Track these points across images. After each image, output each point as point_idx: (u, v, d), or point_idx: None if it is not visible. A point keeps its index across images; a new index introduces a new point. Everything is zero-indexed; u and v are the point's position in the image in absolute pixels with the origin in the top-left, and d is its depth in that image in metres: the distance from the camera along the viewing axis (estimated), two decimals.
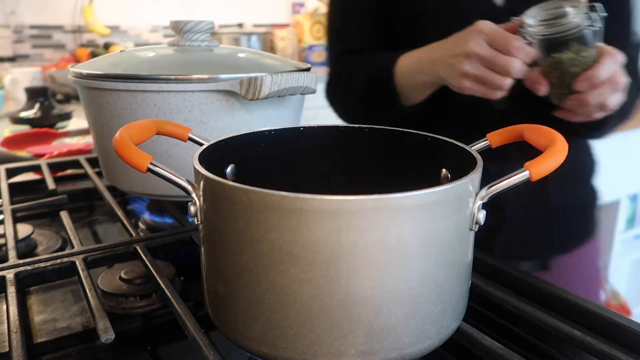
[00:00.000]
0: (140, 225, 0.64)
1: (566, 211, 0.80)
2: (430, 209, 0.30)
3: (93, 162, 0.80)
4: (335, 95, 0.84)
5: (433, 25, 0.75)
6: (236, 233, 0.31)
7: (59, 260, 0.48)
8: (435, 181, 0.41)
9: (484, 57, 0.57)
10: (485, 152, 0.38)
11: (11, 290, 0.43)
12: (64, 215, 0.60)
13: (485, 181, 0.33)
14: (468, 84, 0.59)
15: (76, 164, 0.84)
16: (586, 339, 0.38)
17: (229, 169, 0.42)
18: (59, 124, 1.31)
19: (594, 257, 0.85)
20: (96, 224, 0.69)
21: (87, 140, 1.06)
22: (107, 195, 0.65)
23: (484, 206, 0.33)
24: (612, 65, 0.57)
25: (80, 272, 0.46)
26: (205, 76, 0.53)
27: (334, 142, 0.45)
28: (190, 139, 0.43)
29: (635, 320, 0.40)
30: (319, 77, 0.58)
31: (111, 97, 0.55)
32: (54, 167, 0.81)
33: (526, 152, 0.37)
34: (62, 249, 0.58)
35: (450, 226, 0.31)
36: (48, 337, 0.43)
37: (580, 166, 0.82)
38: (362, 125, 0.45)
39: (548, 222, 0.79)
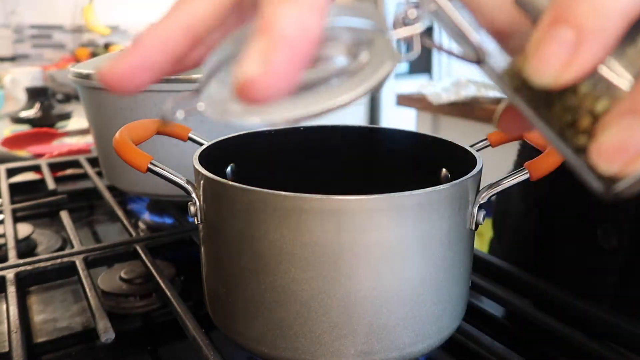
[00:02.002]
0: (140, 225, 0.64)
1: None
2: (430, 208, 0.30)
3: (93, 162, 0.80)
4: None
5: None
6: (236, 233, 0.31)
7: (59, 260, 0.48)
8: (435, 181, 0.41)
9: None
10: None
11: (11, 290, 0.43)
12: (64, 215, 0.60)
13: None
14: None
15: (76, 164, 0.84)
16: (586, 340, 0.38)
17: (229, 169, 0.42)
18: (59, 124, 1.31)
19: None
20: (96, 224, 0.69)
21: (87, 140, 1.06)
22: (107, 195, 0.65)
23: None
24: None
25: (80, 272, 0.46)
26: None
27: (334, 142, 0.45)
28: (190, 139, 0.43)
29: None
30: None
31: (111, 97, 0.55)
32: (54, 167, 0.81)
33: None
34: (62, 248, 0.58)
35: (451, 226, 0.31)
36: (48, 337, 0.43)
37: None
38: (362, 125, 0.45)
39: None
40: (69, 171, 0.85)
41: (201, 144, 0.41)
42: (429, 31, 0.18)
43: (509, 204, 0.62)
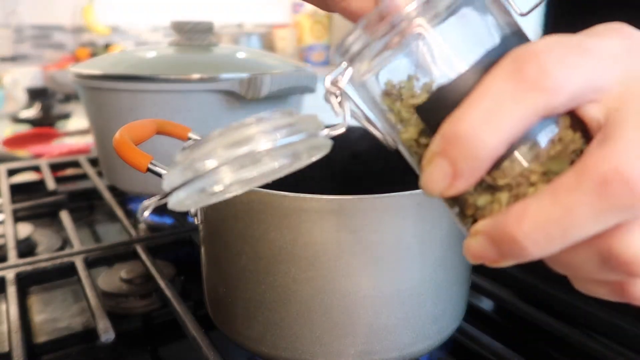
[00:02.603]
0: (140, 225, 0.64)
1: None
2: (431, 208, 0.30)
3: (93, 162, 0.80)
4: None
5: None
6: (236, 233, 0.31)
7: (59, 260, 0.48)
8: None
9: None
10: None
11: (11, 290, 0.43)
12: (64, 215, 0.60)
13: None
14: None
15: (76, 164, 0.84)
16: (586, 339, 0.38)
17: None
18: (59, 124, 1.31)
19: None
20: (96, 224, 0.69)
21: (87, 140, 1.06)
22: (107, 195, 0.65)
23: None
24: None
25: (80, 272, 0.46)
26: (205, 76, 0.53)
27: (334, 141, 0.45)
28: (190, 139, 0.43)
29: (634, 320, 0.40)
30: (318, 77, 0.58)
31: (111, 97, 0.55)
32: (54, 167, 0.81)
33: None
34: (62, 248, 0.58)
35: (451, 226, 0.31)
36: (48, 337, 0.43)
37: None
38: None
39: None
40: (69, 171, 0.85)
41: None
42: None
43: None
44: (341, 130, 0.23)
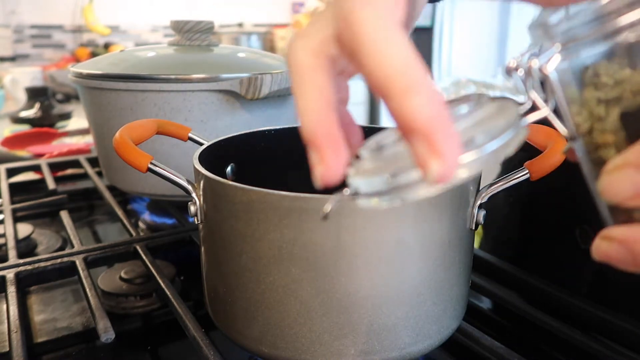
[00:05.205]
0: (140, 225, 0.64)
1: None
2: (430, 208, 0.30)
3: (93, 162, 0.80)
4: None
5: None
6: (236, 233, 0.31)
7: (59, 260, 0.48)
8: None
9: None
10: None
11: (11, 290, 0.43)
12: (64, 215, 0.60)
13: None
14: None
15: (76, 164, 0.84)
16: (586, 339, 0.38)
17: (229, 169, 0.42)
18: (59, 124, 1.31)
19: None
20: (96, 224, 0.69)
21: (87, 140, 1.06)
22: (107, 195, 0.65)
23: None
24: None
25: (80, 271, 0.46)
26: (205, 76, 0.53)
27: None
28: (190, 139, 0.43)
29: (635, 320, 0.40)
30: None
31: (111, 97, 0.55)
32: (54, 167, 0.81)
33: None
34: (62, 248, 0.58)
35: (450, 226, 0.31)
36: (48, 337, 0.43)
37: None
38: (362, 125, 0.45)
39: None
40: (69, 171, 0.85)
41: (201, 144, 0.41)
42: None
43: (492, 204, 0.63)
44: (543, 115, 0.21)
